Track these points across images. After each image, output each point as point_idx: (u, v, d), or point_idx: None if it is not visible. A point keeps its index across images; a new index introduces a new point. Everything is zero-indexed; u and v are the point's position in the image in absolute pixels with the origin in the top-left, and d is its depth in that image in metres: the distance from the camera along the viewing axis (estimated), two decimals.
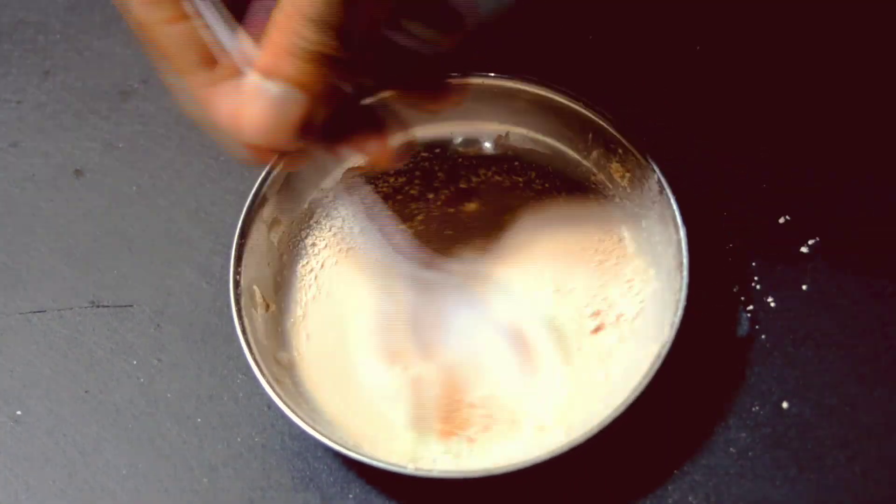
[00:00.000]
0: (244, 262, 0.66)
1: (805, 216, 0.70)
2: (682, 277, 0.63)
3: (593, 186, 0.71)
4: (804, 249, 0.69)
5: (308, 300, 0.69)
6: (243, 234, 0.66)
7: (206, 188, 0.75)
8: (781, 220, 0.71)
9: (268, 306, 0.67)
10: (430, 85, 0.62)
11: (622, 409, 0.59)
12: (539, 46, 0.79)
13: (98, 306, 0.71)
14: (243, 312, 0.64)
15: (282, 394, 0.61)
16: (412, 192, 0.73)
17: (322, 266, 0.70)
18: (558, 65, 0.77)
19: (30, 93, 0.81)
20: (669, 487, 0.63)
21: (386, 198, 0.72)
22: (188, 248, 0.73)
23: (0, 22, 0.85)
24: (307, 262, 0.70)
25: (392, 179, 0.73)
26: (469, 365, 0.66)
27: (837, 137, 0.73)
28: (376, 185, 0.72)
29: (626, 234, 0.69)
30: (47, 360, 0.70)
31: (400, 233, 0.66)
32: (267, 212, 0.68)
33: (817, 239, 0.70)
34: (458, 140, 0.73)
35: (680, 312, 0.61)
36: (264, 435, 0.66)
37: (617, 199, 0.70)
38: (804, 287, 0.68)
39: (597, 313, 0.67)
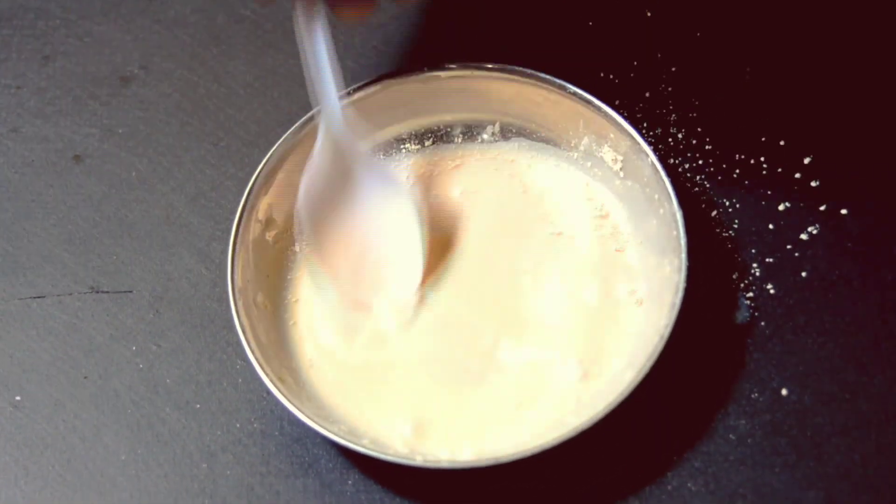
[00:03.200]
0: (241, 255, 0.66)
1: (805, 203, 0.70)
2: (681, 260, 0.63)
3: (586, 172, 0.71)
4: (804, 237, 0.69)
5: (306, 290, 0.69)
6: (240, 228, 0.66)
7: (206, 174, 0.75)
8: (781, 207, 0.70)
9: (266, 304, 0.67)
10: None
11: (622, 395, 0.59)
12: (526, 33, 0.79)
13: (97, 292, 0.71)
14: (241, 310, 0.64)
15: (283, 389, 0.62)
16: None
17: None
18: (546, 51, 0.77)
19: (29, 78, 0.81)
20: (669, 474, 0.63)
21: None
22: (188, 234, 0.73)
23: (0, 7, 0.84)
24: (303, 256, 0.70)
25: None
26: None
27: (838, 126, 0.73)
28: None
29: (622, 220, 0.69)
30: (46, 345, 0.70)
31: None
32: (264, 206, 0.68)
33: (817, 226, 0.69)
34: (456, 130, 0.73)
35: (680, 294, 0.62)
36: (263, 421, 0.66)
37: (610, 185, 0.70)
38: (804, 274, 0.68)
39: (593, 301, 0.67)
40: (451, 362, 0.66)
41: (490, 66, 0.70)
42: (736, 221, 0.70)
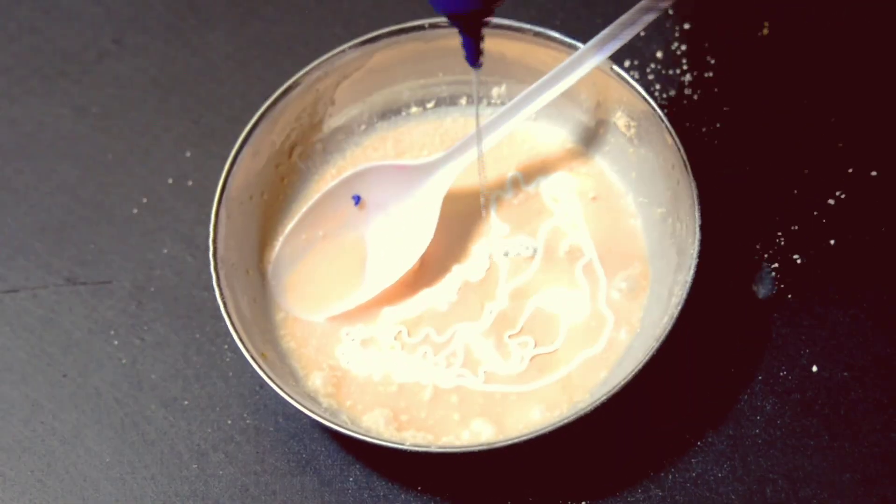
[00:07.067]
0: (227, 232, 0.65)
1: (830, 167, 0.70)
2: (696, 232, 0.62)
3: (599, 139, 0.69)
4: (831, 201, 0.69)
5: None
6: (222, 203, 0.65)
7: (188, 154, 0.74)
8: (805, 171, 0.70)
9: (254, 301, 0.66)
10: None
11: (633, 374, 0.59)
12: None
13: (74, 284, 0.71)
14: (225, 290, 0.63)
15: (272, 375, 0.60)
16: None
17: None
18: (553, 9, 0.76)
19: None
20: (693, 460, 0.62)
21: None
22: (170, 219, 0.72)
23: None
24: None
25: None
26: None
27: (865, 82, 0.73)
28: None
29: (634, 187, 0.68)
30: (22, 342, 0.69)
31: None
32: (250, 175, 0.67)
33: (844, 191, 0.69)
34: (461, 92, 0.72)
35: (693, 269, 0.61)
36: (257, 416, 0.66)
37: (623, 152, 0.68)
38: (832, 242, 0.68)
39: (609, 272, 0.66)
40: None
41: (496, 23, 0.67)
42: (757, 188, 0.70)
